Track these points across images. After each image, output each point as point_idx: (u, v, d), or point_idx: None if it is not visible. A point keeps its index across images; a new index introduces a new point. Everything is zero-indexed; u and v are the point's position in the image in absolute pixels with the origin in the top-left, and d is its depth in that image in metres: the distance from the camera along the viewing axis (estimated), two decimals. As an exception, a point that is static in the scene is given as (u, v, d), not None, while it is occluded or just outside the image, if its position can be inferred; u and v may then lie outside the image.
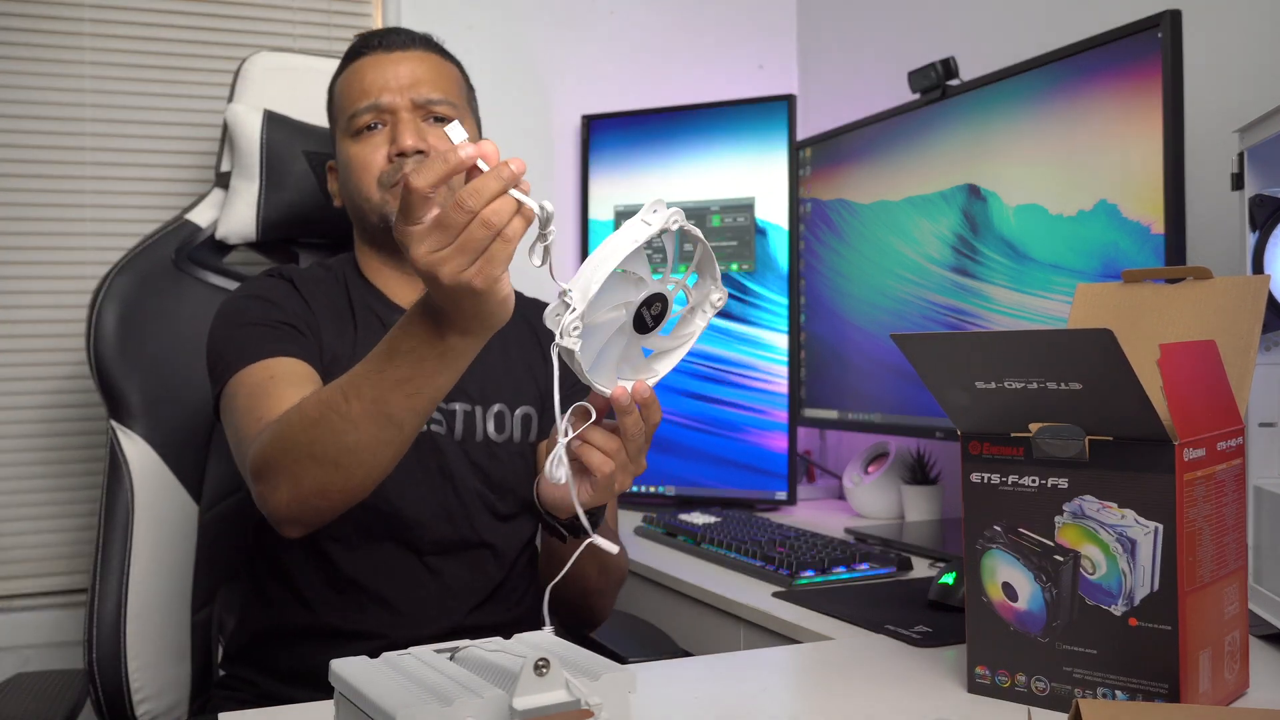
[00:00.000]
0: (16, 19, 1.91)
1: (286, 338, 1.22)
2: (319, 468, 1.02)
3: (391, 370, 0.96)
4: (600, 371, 0.90)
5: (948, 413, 0.92)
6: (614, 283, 0.86)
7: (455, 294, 0.87)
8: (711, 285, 0.93)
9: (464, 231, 0.84)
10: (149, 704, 1.47)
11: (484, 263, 0.85)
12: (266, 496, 1.07)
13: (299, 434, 1.02)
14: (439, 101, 1.32)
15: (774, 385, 1.98)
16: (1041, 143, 1.45)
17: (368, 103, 1.30)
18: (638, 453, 0.96)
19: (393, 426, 0.99)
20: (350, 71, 1.35)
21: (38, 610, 1.91)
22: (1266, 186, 1.08)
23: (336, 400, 0.99)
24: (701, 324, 0.95)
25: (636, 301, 0.88)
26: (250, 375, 1.18)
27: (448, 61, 1.38)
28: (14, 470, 1.91)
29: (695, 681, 0.99)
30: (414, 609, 1.24)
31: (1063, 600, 0.86)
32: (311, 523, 1.09)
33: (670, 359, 0.95)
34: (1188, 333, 0.94)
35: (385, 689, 0.66)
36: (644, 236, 0.84)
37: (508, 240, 0.85)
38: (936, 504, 1.79)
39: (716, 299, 0.94)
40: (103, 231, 1.95)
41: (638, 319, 0.89)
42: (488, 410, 1.31)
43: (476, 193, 0.83)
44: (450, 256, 0.85)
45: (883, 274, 1.77)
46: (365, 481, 1.04)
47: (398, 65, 1.32)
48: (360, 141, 1.31)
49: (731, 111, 2.06)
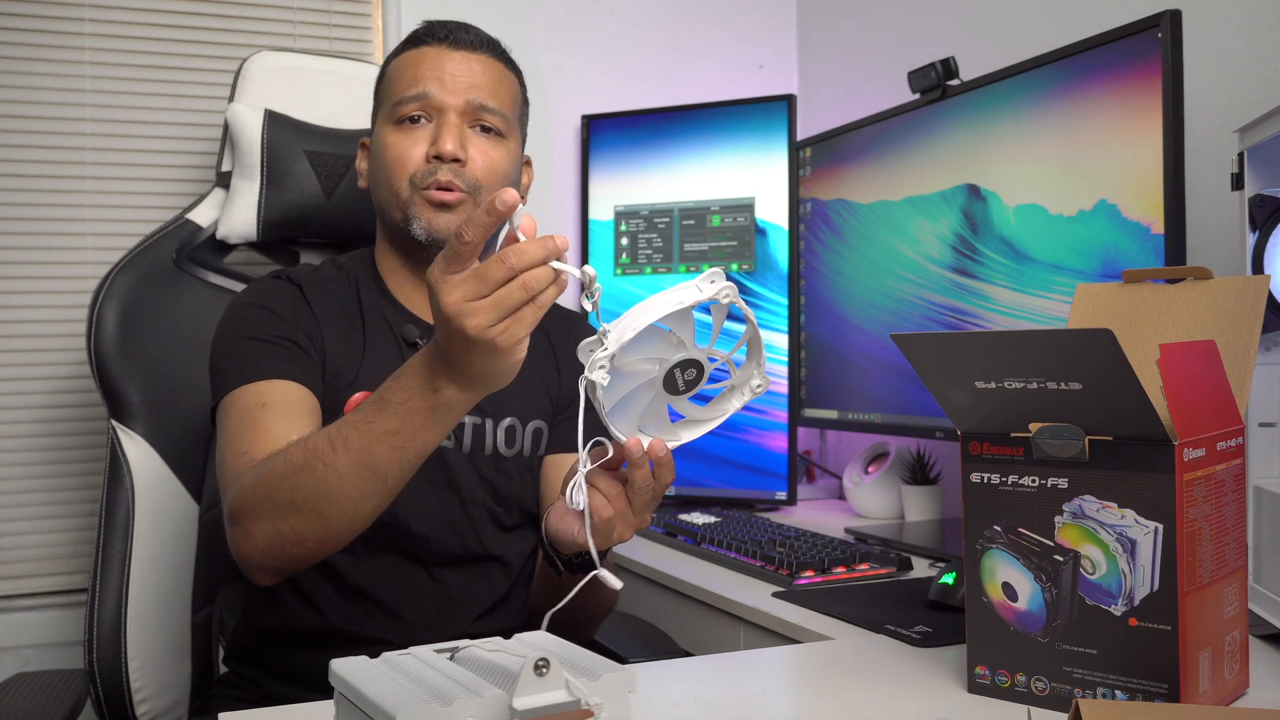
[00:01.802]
0: (16, 19, 1.91)
1: (286, 356, 1.21)
2: (299, 516, 1.02)
3: (380, 422, 0.96)
4: (620, 417, 0.90)
5: (948, 413, 0.92)
6: (653, 336, 0.87)
7: (474, 347, 0.87)
8: (755, 369, 0.93)
9: (501, 288, 0.85)
10: (149, 704, 1.47)
11: (512, 322, 0.86)
12: (240, 541, 1.07)
13: (282, 480, 1.02)
14: (492, 111, 1.27)
15: (774, 385, 1.98)
16: (1041, 143, 1.45)
17: (417, 91, 1.25)
18: (643, 508, 0.95)
19: (377, 479, 0.99)
20: (409, 56, 1.29)
21: (38, 610, 1.91)
22: (1266, 186, 1.08)
23: (323, 448, 1.00)
24: (737, 404, 0.95)
25: (671, 361, 0.88)
26: (243, 397, 1.17)
27: (510, 72, 1.33)
28: (14, 470, 1.91)
29: (695, 681, 0.99)
30: (419, 617, 1.24)
31: (1063, 600, 0.86)
32: (284, 571, 1.09)
33: (697, 429, 0.95)
34: (1188, 333, 0.94)
35: (385, 689, 0.66)
36: (690, 300, 0.85)
37: (540, 307, 0.86)
38: (936, 504, 1.79)
39: (757, 385, 0.94)
40: (103, 231, 1.95)
41: (669, 379, 0.89)
42: (499, 424, 1.30)
43: (521, 254, 0.84)
44: (482, 309, 0.85)
45: (883, 274, 1.77)
46: (344, 533, 1.04)
47: (458, 63, 1.27)
48: (401, 131, 1.27)
49: (731, 111, 2.06)
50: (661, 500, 0.98)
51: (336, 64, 1.76)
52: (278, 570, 1.08)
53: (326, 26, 2.10)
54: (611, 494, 0.94)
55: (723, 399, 0.96)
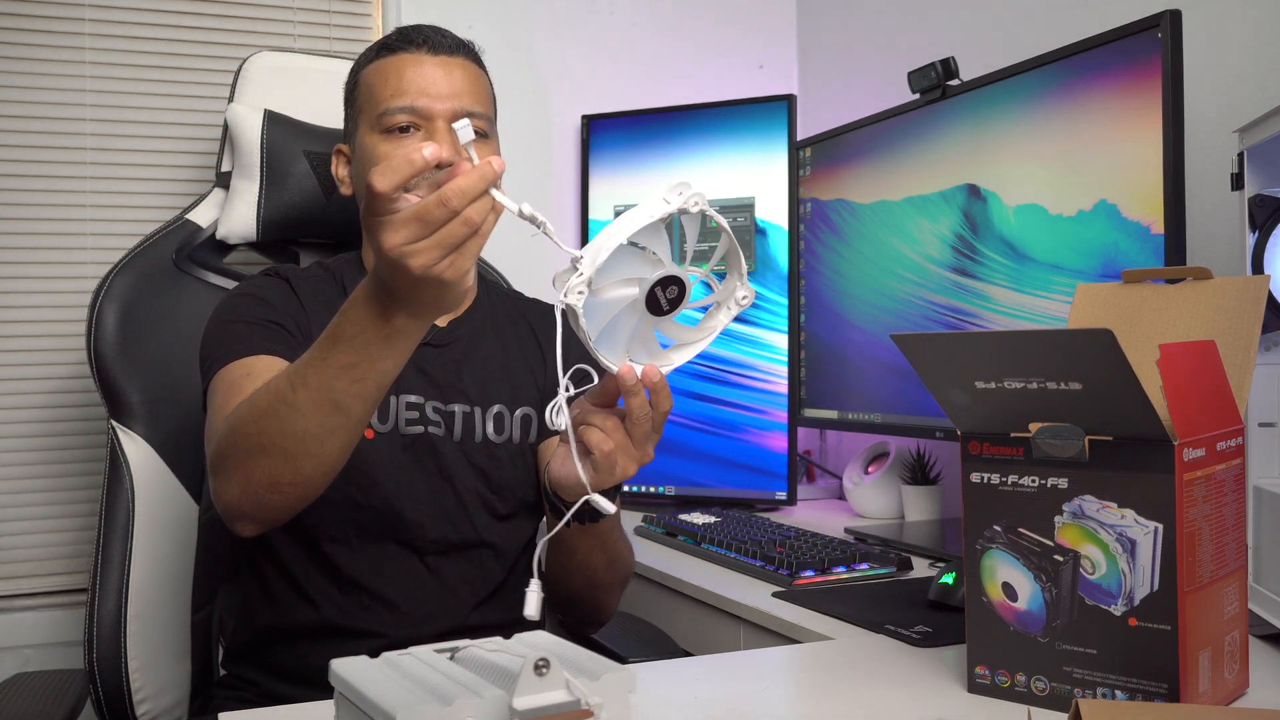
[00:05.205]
0: (16, 19, 1.91)
1: (273, 336, 1.23)
2: (268, 458, 1.02)
3: (336, 356, 0.96)
4: (608, 346, 0.89)
5: (948, 413, 0.92)
6: (628, 256, 0.85)
7: (421, 283, 0.88)
8: (738, 281, 0.92)
9: (443, 228, 0.85)
10: (149, 704, 1.47)
11: (457, 256, 0.86)
12: (220, 491, 1.08)
13: (249, 425, 1.02)
14: (478, 115, 1.30)
15: (774, 385, 1.98)
16: (1041, 143, 1.45)
17: (405, 103, 1.27)
18: (644, 439, 0.95)
19: (340, 413, 0.98)
20: (388, 64, 1.31)
21: (38, 610, 1.91)
22: (1266, 186, 1.08)
23: (284, 389, 0.99)
24: (725, 320, 0.93)
25: (650, 279, 0.87)
26: (230, 372, 1.19)
27: (484, 73, 1.36)
28: (14, 470, 1.91)
29: (695, 681, 0.99)
30: (416, 608, 1.24)
31: (1062, 600, 0.86)
32: (264, 519, 1.09)
33: (688, 351, 0.94)
34: (1188, 333, 0.94)
35: (385, 689, 0.66)
36: (659, 213, 0.84)
37: (482, 236, 0.86)
38: (936, 504, 1.79)
39: (742, 296, 0.92)
40: (103, 231, 1.96)
41: (652, 300, 0.87)
42: (487, 411, 1.32)
43: (461, 193, 0.84)
44: (425, 249, 0.85)
45: (883, 274, 1.77)
46: (314, 473, 1.03)
47: (439, 70, 1.29)
48: (392, 142, 1.28)
49: (731, 111, 2.06)
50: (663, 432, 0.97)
51: (336, 64, 1.75)
52: (257, 518, 1.08)
53: (326, 27, 2.10)
54: (609, 427, 0.94)
55: (709, 317, 0.94)
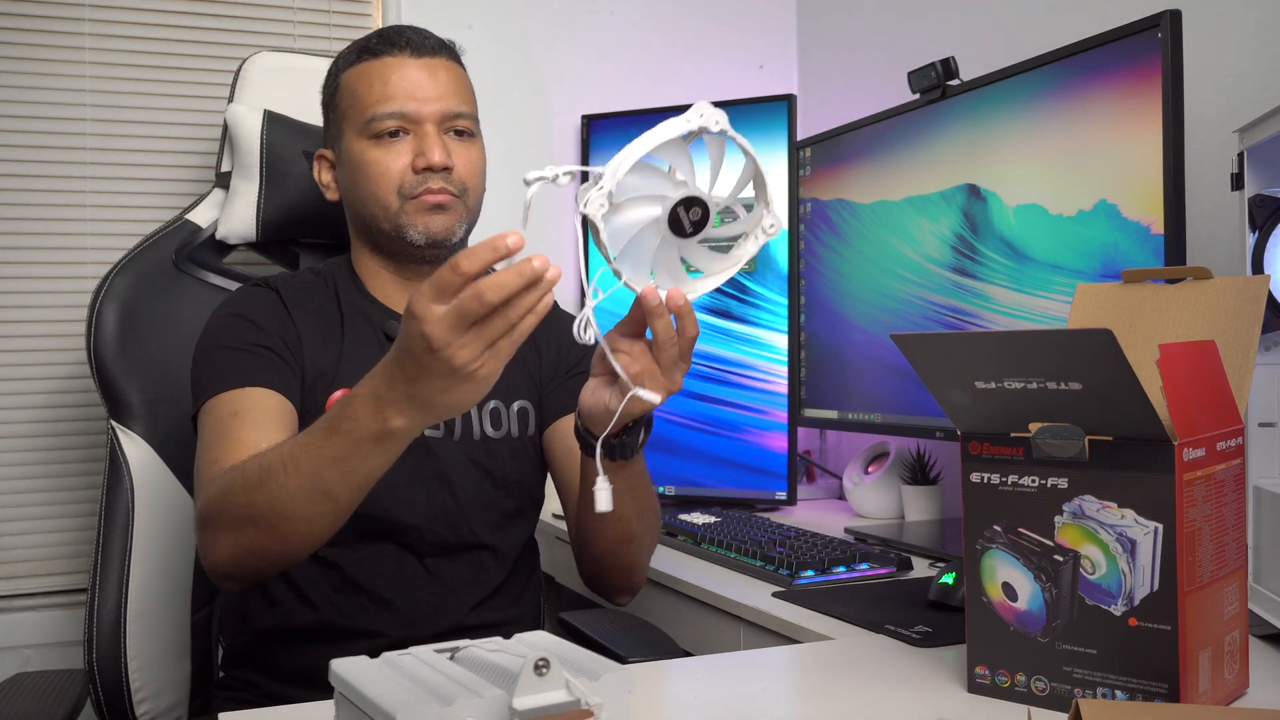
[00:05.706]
0: (16, 19, 1.91)
1: (261, 364, 1.23)
2: (257, 530, 1.04)
3: (329, 446, 0.97)
4: (631, 263, 0.87)
5: (948, 413, 0.92)
6: (650, 173, 0.83)
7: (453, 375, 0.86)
8: (764, 209, 0.90)
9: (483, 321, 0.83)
10: (149, 704, 1.47)
11: (491, 356, 0.85)
12: (207, 550, 1.10)
13: (240, 496, 1.04)
14: (465, 115, 1.31)
15: (774, 385, 1.97)
16: (1041, 143, 1.45)
17: (393, 109, 1.27)
18: (670, 365, 0.94)
19: (328, 500, 1.00)
20: (371, 68, 1.30)
21: (38, 610, 1.91)
22: (1266, 186, 1.08)
23: (275, 468, 1.01)
24: (752, 249, 0.92)
25: (673, 198, 0.85)
26: (219, 405, 1.19)
27: (465, 71, 1.36)
28: (14, 470, 1.91)
29: (695, 681, 0.99)
30: (415, 609, 1.25)
31: (1062, 600, 0.86)
32: (248, 579, 1.13)
33: (713, 280, 0.93)
34: (1188, 333, 0.94)
35: (385, 689, 0.66)
36: (679, 129, 0.82)
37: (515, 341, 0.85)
38: (936, 504, 1.79)
39: (769, 225, 0.90)
40: (103, 231, 1.95)
41: (675, 219, 0.86)
42: (483, 408, 1.32)
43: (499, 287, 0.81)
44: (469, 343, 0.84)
45: (883, 274, 1.77)
46: (302, 547, 1.06)
47: (424, 73, 1.29)
48: (381, 147, 1.28)
49: (731, 111, 2.02)
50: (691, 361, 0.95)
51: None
52: (241, 579, 1.12)
53: (326, 27, 2.10)
54: (636, 352, 0.93)
55: (737, 246, 0.92)
